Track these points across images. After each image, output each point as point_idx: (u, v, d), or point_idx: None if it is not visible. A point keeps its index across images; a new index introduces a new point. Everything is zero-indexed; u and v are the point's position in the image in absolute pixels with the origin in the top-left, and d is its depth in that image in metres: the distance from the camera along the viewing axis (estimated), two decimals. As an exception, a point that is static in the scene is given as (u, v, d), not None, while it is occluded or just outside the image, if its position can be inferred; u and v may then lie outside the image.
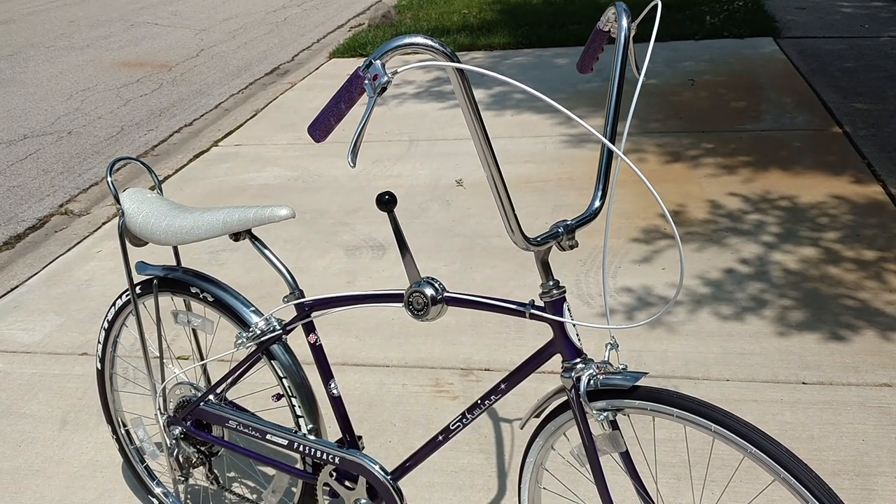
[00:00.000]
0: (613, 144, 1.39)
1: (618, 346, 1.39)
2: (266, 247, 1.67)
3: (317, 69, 6.56)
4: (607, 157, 1.41)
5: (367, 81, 1.08)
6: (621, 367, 1.38)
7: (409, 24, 7.72)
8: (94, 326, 3.06)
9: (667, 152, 4.14)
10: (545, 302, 1.37)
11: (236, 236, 1.66)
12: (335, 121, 1.13)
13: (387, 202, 1.43)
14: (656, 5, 1.30)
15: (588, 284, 3.01)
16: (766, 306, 2.77)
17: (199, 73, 7.03)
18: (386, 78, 1.06)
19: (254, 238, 1.66)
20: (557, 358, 1.39)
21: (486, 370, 2.59)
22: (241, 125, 5.30)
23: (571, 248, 1.36)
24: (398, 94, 5.63)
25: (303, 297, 1.65)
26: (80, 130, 5.66)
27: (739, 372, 2.46)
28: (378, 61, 1.08)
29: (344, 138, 4.79)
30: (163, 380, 1.87)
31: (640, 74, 1.42)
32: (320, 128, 1.14)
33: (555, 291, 1.35)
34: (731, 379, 2.44)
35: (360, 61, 6.71)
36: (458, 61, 1.11)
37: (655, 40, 6.28)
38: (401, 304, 1.50)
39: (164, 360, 1.91)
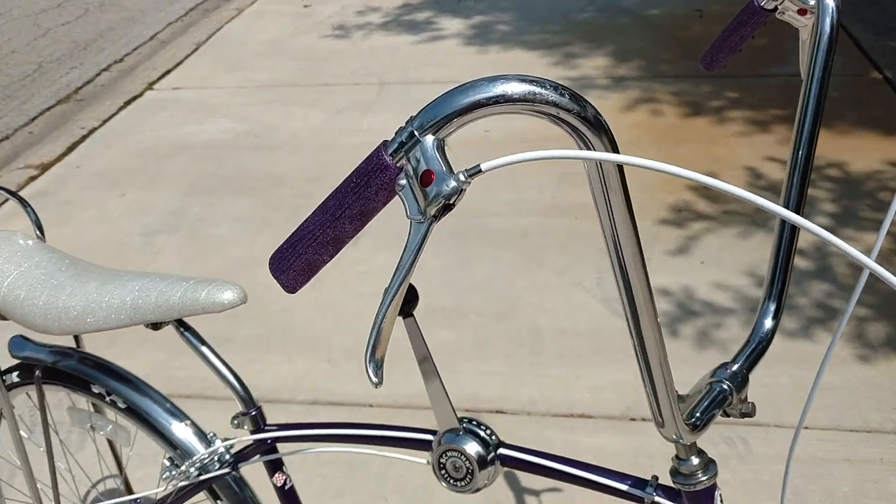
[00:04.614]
0: (801, 214, 0.81)
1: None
2: (201, 340, 1.07)
3: (267, -8, 5.74)
4: (787, 242, 0.84)
5: (404, 180, 0.47)
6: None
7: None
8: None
9: (685, 103, 3.54)
10: (683, 489, 0.80)
11: (156, 325, 1.05)
12: (329, 253, 0.54)
13: (404, 301, 0.84)
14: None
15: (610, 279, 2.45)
16: (836, 317, 2.26)
17: (131, -5, 6.14)
18: (453, 183, 0.46)
19: (183, 327, 1.06)
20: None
21: (497, 412, 2.04)
22: (179, 63, 4.54)
23: (745, 415, 0.80)
24: (362, 24, 4.90)
25: (262, 420, 1.07)
26: (-10, 67, 4.84)
27: (821, 416, 1.95)
28: (430, 136, 0.47)
29: (302, 79, 4.10)
30: (58, 508, 1.29)
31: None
32: (296, 265, 0.54)
33: (702, 476, 0.79)
34: (812, 427, 1.93)
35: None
36: (609, 133, 0.51)
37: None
38: (425, 462, 0.93)
39: (70, 474, 1.32)
